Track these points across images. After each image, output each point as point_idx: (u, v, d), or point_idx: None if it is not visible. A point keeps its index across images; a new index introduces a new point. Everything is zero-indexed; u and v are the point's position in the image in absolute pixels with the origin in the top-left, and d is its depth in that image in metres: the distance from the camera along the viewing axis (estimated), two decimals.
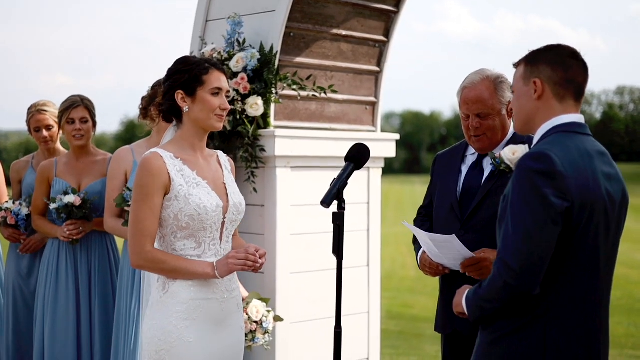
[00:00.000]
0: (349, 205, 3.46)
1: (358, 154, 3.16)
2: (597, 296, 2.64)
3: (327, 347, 4.77)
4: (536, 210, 2.49)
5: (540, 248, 2.49)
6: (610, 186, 2.63)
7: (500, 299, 2.58)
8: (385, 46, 5.39)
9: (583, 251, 2.56)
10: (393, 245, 22.28)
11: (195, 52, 5.12)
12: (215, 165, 3.31)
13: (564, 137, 2.63)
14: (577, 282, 2.58)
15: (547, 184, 2.49)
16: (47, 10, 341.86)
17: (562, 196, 2.49)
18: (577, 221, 2.53)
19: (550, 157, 2.51)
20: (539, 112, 2.71)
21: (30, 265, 5.13)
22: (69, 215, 4.71)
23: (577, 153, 2.58)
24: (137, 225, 3.10)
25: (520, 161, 2.58)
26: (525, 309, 2.58)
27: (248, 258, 3.08)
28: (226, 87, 3.22)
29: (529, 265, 2.49)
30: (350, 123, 5.28)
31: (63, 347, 4.71)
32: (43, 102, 5.21)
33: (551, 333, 2.55)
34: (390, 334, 9.63)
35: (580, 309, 2.59)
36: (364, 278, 5.25)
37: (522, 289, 2.52)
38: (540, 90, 2.69)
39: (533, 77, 2.71)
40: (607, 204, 2.60)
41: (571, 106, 2.70)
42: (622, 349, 9.36)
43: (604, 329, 2.69)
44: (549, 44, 2.77)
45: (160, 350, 3.12)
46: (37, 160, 5.26)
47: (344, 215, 3.02)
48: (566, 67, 2.68)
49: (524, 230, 2.50)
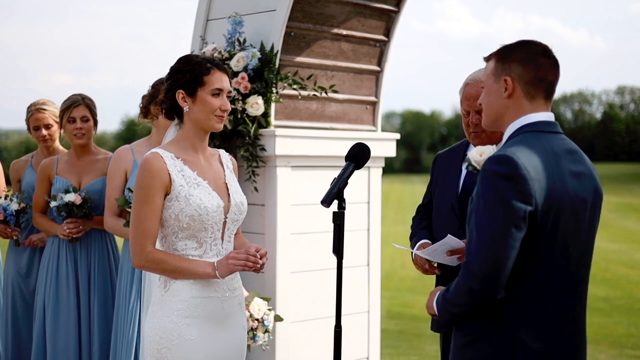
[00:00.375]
0: (349, 205, 3.47)
1: (358, 154, 3.15)
2: (570, 296, 2.61)
3: (327, 346, 4.78)
4: (498, 215, 2.46)
5: (503, 253, 2.45)
6: (579, 185, 2.59)
7: (466, 303, 2.55)
8: (385, 46, 5.39)
9: (551, 253, 2.54)
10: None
11: (196, 51, 5.12)
12: (216, 164, 3.30)
13: (531, 138, 2.59)
14: (546, 283, 2.55)
15: (510, 188, 2.45)
16: (47, 9, 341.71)
17: (525, 200, 2.45)
18: (542, 224, 2.50)
19: (514, 160, 2.47)
20: (508, 110, 2.67)
21: (29, 263, 5.13)
22: (69, 213, 4.72)
23: (543, 154, 2.54)
24: (138, 226, 3.10)
25: (485, 164, 2.54)
26: (494, 312, 2.55)
27: (248, 259, 3.08)
28: (227, 88, 3.21)
29: (492, 271, 2.46)
30: (351, 122, 5.28)
31: (65, 344, 4.71)
32: (42, 101, 5.20)
33: (521, 335, 2.53)
34: (390, 333, 9.64)
35: (551, 309, 2.56)
36: (364, 277, 5.25)
37: (485, 294, 2.50)
38: (511, 89, 2.65)
39: (504, 74, 2.67)
40: (574, 204, 2.56)
41: (541, 105, 2.66)
42: (622, 349, 9.37)
43: (579, 328, 2.66)
44: (520, 40, 2.72)
45: (162, 348, 3.12)
46: (36, 159, 5.26)
47: (344, 214, 3.02)
48: (537, 65, 2.64)
49: (486, 236, 2.47)
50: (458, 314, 2.61)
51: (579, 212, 2.58)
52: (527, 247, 2.50)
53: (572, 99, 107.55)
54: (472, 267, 2.50)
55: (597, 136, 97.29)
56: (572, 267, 2.60)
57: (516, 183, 2.45)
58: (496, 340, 2.55)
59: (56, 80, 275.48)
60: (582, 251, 2.63)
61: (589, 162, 2.69)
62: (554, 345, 2.56)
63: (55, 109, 5.17)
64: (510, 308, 2.54)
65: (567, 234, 2.55)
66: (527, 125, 2.64)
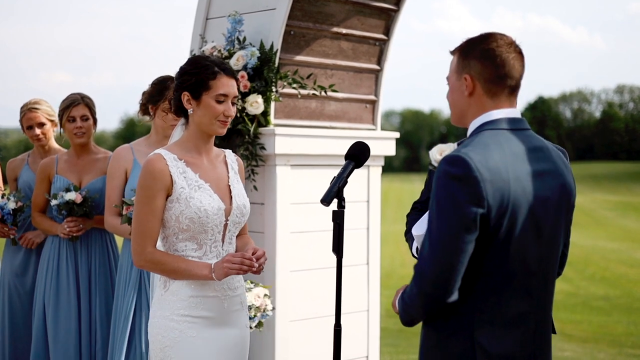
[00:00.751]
0: (349, 204, 3.47)
1: (358, 152, 3.15)
2: (531, 297, 2.54)
3: (326, 345, 4.78)
4: (450, 217, 2.39)
5: (454, 256, 2.39)
6: (539, 184, 2.51)
7: (420, 305, 2.50)
8: (385, 44, 5.39)
9: (507, 255, 2.46)
10: (393, 244, 22.30)
11: (196, 50, 5.13)
12: (221, 166, 3.29)
13: (490, 136, 2.52)
14: (502, 286, 2.48)
15: (462, 190, 2.39)
16: (47, 8, 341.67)
17: (477, 202, 2.38)
18: (497, 227, 2.42)
19: (466, 161, 2.40)
20: (471, 108, 2.61)
21: (24, 263, 5.12)
22: (69, 212, 4.72)
23: (500, 154, 2.46)
24: (139, 226, 3.12)
25: (439, 164, 2.48)
26: (454, 315, 2.51)
27: (243, 262, 3.07)
28: (233, 94, 3.18)
29: (442, 274, 2.41)
30: (350, 121, 5.28)
31: (65, 344, 4.71)
32: (35, 100, 5.19)
33: (479, 339, 2.47)
34: (389, 332, 9.64)
35: (510, 312, 2.50)
36: (363, 276, 5.25)
37: (436, 297, 2.44)
38: (471, 87, 2.59)
39: (464, 72, 2.59)
40: (533, 205, 2.48)
41: (503, 101, 2.58)
42: (622, 348, 9.38)
43: (541, 329, 2.59)
44: (482, 34, 2.62)
45: (165, 347, 3.14)
46: (32, 158, 5.25)
47: (343, 213, 3.02)
48: (497, 62, 2.55)
49: (437, 238, 2.41)
50: (415, 315, 2.55)
51: (539, 213, 2.50)
52: (481, 250, 2.44)
53: (572, 98, 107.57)
54: (423, 269, 2.44)
55: (596, 135, 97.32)
56: (533, 269, 2.53)
57: (468, 185, 2.38)
58: (456, 343, 2.50)
59: (56, 79, 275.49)
60: (544, 252, 2.55)
61: (557, 160, 2.63)
62: (514, 348, 2.50)
63: (48, 107, 5.16)
64: (468, 310, 2.48)
65: (526, 236, 2.48)
66: (487, 122, 2.56)
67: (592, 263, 19.80)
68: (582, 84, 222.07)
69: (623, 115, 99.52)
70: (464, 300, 2.49)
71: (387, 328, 9.71)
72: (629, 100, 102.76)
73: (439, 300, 2.45)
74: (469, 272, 2.46)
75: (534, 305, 2.56)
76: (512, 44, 2.59)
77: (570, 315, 12.76)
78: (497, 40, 2.58)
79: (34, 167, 5.15)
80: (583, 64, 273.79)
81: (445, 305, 2.48)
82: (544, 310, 2.60)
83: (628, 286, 16.48)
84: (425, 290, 2.45)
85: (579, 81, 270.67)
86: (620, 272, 18.52)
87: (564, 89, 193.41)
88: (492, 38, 2.58)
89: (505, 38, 2.59)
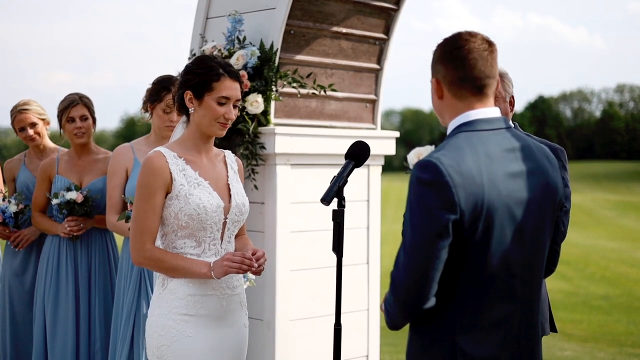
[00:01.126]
0: (349, 203, 3.47)
1: (358, 152, 3.16)
2: (516, 300, 2.50)
3: (327, 344, 4.78)
4: (422, 223, 2.35)
5: (426, 263, 2.36)
6: (516, 185, 2.46)
7: (398, 311, 2.47)
8: (385, 44, 5.39)
9: (485, 259, 2.42)
10: (393, 243, 22.30)
11: (196, 49, 5.13)
12: (220, 165, 3.30)
13: (465, 138, 2.46)
14: (482, 289, 2.44)
15: (433, 196, 2.34)
16: (46, 7, 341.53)
17: (448, 208, 2.33)
18: (471, 231, 2.38)
19: (437, 166, 2.35)
20: (445, 110, 2.57)
21: (24, 263, 5.11)
22: (70, 211, 4.72)
23: (473, 157, 2.40)
24: (139, 223, 3.12)
25: (412, 169, 2.44)
26: (435, 320, 2.47)
27: (243, 262, 3.08)
28: (236, 97, 3.19)
29: (415, 281, 2.38)
30: (350, 121, 5.28)
31: (63, 343, 4.72)
32: (24, 102, 5.18)
33: (461, 343, 2.44)
34: (389, 331, 9.64)
35: (491, 315, 2.46)
36: (363, 275, 5.26)
37: (411, 304, 2.41)
38: (440, 91, 2.56)
39: (433, 76, 2.57)
40: (510, 206, 2.43)
41: (473, 102, 2.52)
42: (622, 347, 9.38)
43: (526, 331, 2.55)
44: (451, 35, 2.57)
45: (161, 345, 3.13)
46: (29, 158, 5.25)
47: (343, 212, 3.02)
48: (457, 64, 2.50)
49: (410, 245, 2.38)
50: (396, 321, 2.52)
51: (518, 215, 2.45)
52: (458, 255, 2.40)
53: (572, 97, 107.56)
54: (397, 277, 2.42)
55: (596, 134, 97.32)
56: (515, 271, 2.48)
57: (439, 190, 2.34)
58: (438, 349, 2.47)
59: (56, 79, 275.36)
60: (528, 254, 2.51)
61: (540, 158, 2.57)
62: (497, 352, 2.47)
63: (38, 106, 5.16)
64: (448, 316, 2.45)
65: (505, 238, 2.43)
66: (463, 124, 2.51)
67: (592, 262, 19.81)
68: (583, 83, 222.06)
69: (623, 114, 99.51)
70: (444, 305, 2.45)
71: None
72: (629, 100, 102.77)
73: (415, 307, 2.42)
74: (448, 277, 2.42)
75: (518, 308, 2.51)
76: (478, 42, 2.51)
77: (570, 314, 12.76)
78: (461, 41, 2.52)
79: (31, 167, 5.16)
80: (583, 64, 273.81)
81: (423, 311, 2.45)
82: (529, 312, 2.55)
83: (628, 285, 16.47)
84: (401, 297, 2.43)
85: (579, 80, 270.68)
86: (620, 272, 18.52)
87: (564, 88, 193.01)
88: (456, 39, 2.53)
89: (471, 38, 2.52)
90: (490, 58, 2.52)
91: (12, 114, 5.17)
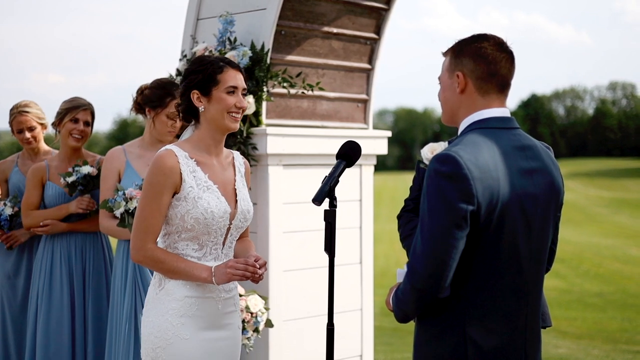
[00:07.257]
0: (341, 203, 3.47)
1: (349, 152, 3.15)
2: (522, 294, 2.60)
3: (320, 344, 4.78)
4: (440, 214, 2.45)
5: (445, 253, 2.45)
6: (528, 182, 2.58)
7: (413, 301, 2.55)
8: (376, 43, 5.40)
9: (497, 251, 2.53)
10: (387, 242, 22.31)
11: (187, 50, 5.12)
12: (229, 168, 3.29)
13: (480, 135, 2.58)
14: (493, 281, 2.54)
15: (452, 188, 2.44)
16: (38, 8, 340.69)
17: (467, 200, 2.44)
18: (486, 223, 2.49)
19: (456, 159, 2.46)
20: (462, 106, 2.67)
21: (16, 265, 5.09)
22: (85, 186, 4.71)
23: (490, 152, 2.52)
24: (142, 221, 3.10)
25: (430, 163, 2.54)
26: (446, 311, 2.56)
27: (247, 269, 3.07)
28: (242, 85, 3.20)
29: (435, 270, 2.46)
30: (342, 120, 5.28)
31: (57, 346, 4.70)
32: (25, 103, 5.16)
33: (471, 334, 2.53)
34: (384, 330, 9.65)
35: (501, 307, 2.56)
36: (356, 275, 5.26)
37: (429, 293, 2.49)
38: (463, 84, 2.64)
39: (457, 70, 2.65)
40: (522, 202, 2.55)
41: (494, 100, 2.65)
42: (616, 344, 9.40)
43: (531, 326, 2.65)
44: (474, 34, 2.70)
45: (157, 347, 3.12)
46: (22, 160, 5.23)
47: (335, 212, 3.02)
48: (489, 60, 2.62)
49: (428, 235, 2.47)
50: (409, 311, 2.60)
51: (529, 210, 2.56)
52: (472, 246, 2.50)
53: (564, 95, 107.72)
54: (415, 266, 2.50)
55: (589, 132, 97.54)
56: (524, 264, 2.59)
57: (458, 182, 2.44)
58: (448, 338, 2.55)
59: (49, 80, 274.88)
60: (534, 248, 2.61)
61: (546, 158, 2.68)
62: (506, 343, 2.57)
63: (38, 110, 5.14)
64: (459, 306, 2.54)
65: (516, 232, 2.54)
66: (478, 121, 2.63)
67: (586, 260, 19.85)
68: (575, 81, 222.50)
69: (616, 112, 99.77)
70: (455, 295, 2.54)
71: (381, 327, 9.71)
72: (622, 97, 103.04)
73: (431, 295, 2.50)
74: (461, 268, 2.51)
75: (525, 300, 2.61)
76: (503, 44, 2.66)
77: (565, 312, 12.79)
78: (490, 40, 2.65)
79: (24, 170, 5.13)
80: (575, 61, 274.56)
81: (437, 301, 2.53)
82: (534, 304, 2.66)
83: (622, 282, 16.52)
84: (418, 286, 2.50)
85: (572, 78, 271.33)
86: (614, 269, 18.56)
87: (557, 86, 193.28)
88: (485, 38, 2.66)
89: (496, 39, 2.66)
90: (513, 66, 2.67)
91: (12, 114, 5.15)
